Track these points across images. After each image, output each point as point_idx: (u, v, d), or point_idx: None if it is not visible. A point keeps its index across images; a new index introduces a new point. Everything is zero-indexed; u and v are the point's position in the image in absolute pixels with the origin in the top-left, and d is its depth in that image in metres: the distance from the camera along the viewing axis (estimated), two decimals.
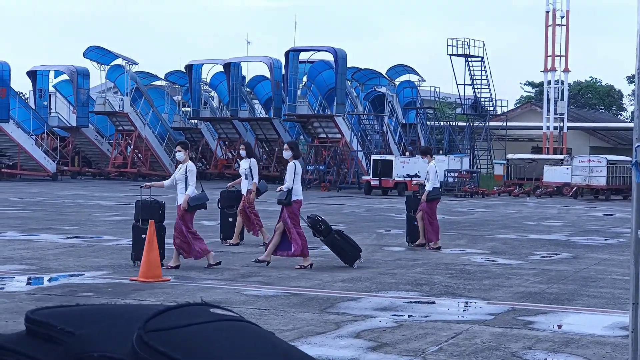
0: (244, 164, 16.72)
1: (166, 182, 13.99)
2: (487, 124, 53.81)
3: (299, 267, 13.69)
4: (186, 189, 13.38)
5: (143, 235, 13.12)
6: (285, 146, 14.32)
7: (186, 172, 13.54)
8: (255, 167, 16.49)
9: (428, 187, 17.26)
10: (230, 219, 17.24)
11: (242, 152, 16.82)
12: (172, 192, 14.72)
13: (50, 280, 12.19)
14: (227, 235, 17.17)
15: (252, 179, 16.29)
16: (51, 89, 54.69)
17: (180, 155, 13.56)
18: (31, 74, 52.75)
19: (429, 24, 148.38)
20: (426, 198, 17.17)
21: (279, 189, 14.24)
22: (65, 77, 53.40)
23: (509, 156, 49.01)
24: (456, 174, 43.72)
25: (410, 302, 10.89)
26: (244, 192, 16.77)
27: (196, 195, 13.45)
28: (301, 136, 55.08)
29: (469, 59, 51.67)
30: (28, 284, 11.96)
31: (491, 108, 54.00)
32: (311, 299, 10.85)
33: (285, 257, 13.90)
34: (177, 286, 11.60)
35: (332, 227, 14.49)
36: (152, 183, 14.12)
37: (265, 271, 13.32)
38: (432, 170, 17.31)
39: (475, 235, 20.50)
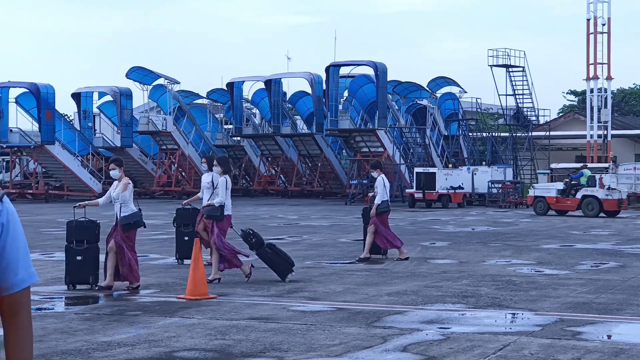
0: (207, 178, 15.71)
1: (101, 200, 13.35)
2: (530, 134, 53.42)
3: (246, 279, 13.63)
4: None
5: (78, 257, 12.84)
6: (215, 162, 14.13)
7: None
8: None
9: (377, 200, 17.32)
10: (186, 238, 16.28)
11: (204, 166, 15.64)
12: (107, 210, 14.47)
13: (99, 299, 12.34)
14: (183, 255, 16.31)
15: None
16: (95, 110, 55.38)
17: (115, 172, 13.09)
18: (75, 95, 53.49)
19: (469, 35, 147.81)
20: (375, 212, 17.18)
21: (206, 204, 13.99)
22: (108, 98, 54.07)
23: (553, 166, 48.54)
24: (500, 185, 43.44)
25: (457, 314, 10.84)
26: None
27: (132, 213, 12.92)
28: (343, 150, 55.14)
29: (510, 69, 51.41)
30: (77, 304, 12.11)
31: (533, 118, 53.61)
32: (357, 313, 10.85)
33: (224, 269, 13.74)
34: (223, 303, 11.67)
35: (265, 240, 14.31)
36: (87, 202, 13.54)
37: (311, 287, 13.34)
38: (380, 183, 17.39)
39: (520, 246, 20.35)
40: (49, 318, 10.56)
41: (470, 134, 55.12)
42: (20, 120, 51.09)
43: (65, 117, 56.47)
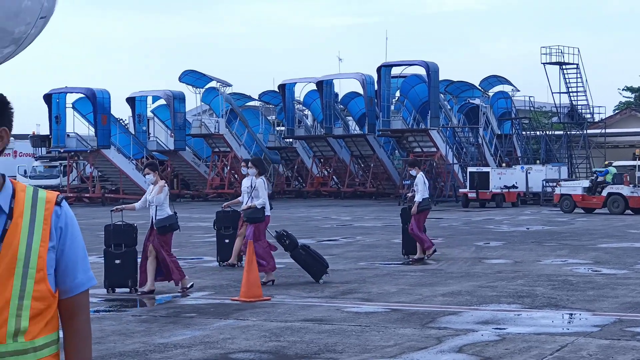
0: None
1: (137, 205, 13.28)
2: (585, 132, 52.69)
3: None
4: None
5: (117, 261, 12.88)
6: (249, 164, 14.13)
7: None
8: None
9: (417, 198, 17.15)
10: (227, 241, 16.47)
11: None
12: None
13: (155, 302, 12.47)
14: (224, 257, 16.38)
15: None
16: (149, 114, 55.96)
17: (150, 177, 13.12)
18: (130, 100, 54.13)
19: (521, 33, 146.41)
20: (416, 210, 17.03)
21: (246, 206, 13.83)
22: (162, 101, 54.60)
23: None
24: (554, 184, 42.92)
25: (513, 314, 10.73)
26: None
27: (168, 216, 12.91)
28: (396, 151, 54.97)
29: (564, 67, 50.77)
30: (134, 306, 12.25)
31: (588, 115, 52.87)
32: (412, 314, 10.81)
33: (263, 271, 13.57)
34: (277, 305, 11.70)
35: (299, 241, 14.23)
36: (123, 206, 13.57)
37: (365, 288, 13.32)
38: (420, 181, 17.26)
39: (577, 245, 20.08)
40: (107, 320, 10.70)
41: (523, 132, 54.56)
42: (77, 125, 51.85)
43: (121, 121, 57.23)
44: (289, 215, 34.71)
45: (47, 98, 49.11)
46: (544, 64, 50.35)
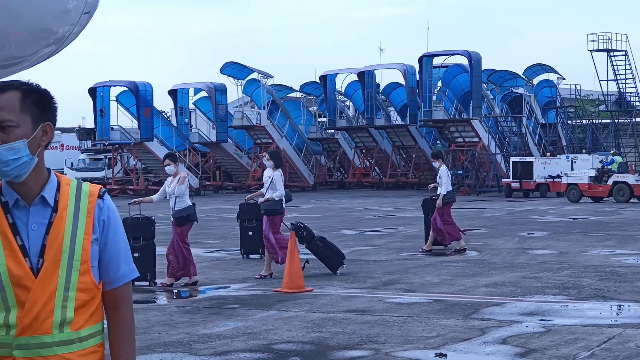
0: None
1: (155, 197, 13.22)
2: (634, 120, 51.89)
3: (259, 276, 13.49)
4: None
5: (135, 254, 12.53)
6: (267, 156, 14.01)
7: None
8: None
9: (442, 190, 16.87)
10: (250, 233, 16.39)
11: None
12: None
13: (198, 293, 12.53)
14: (247, 250, 16.39)
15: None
16: (191, 106, 56.25)
17: (170, 168, 13.05)
18: (172, 92, 54.44)
19: (567, 20, 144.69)
20: (441, 202, 16.79)
21: (264, 199, 13.65)
22: (204, 94, 54.84)
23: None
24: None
25: (558, 306, 10.61)
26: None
27: (186, 207, 12.91)
28: (438, 141, 54.69)
29: (612, 54, 50.02)
30: (178, 297, 12.33)
31: (637, 103, 52.06)
32: (454, 304, 10.73)
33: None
34: (319, 296, 11.69)
35: (315, 233, 14.09)
36: (141, 199, 13.35)
37: (407, 278, 13.27)
38: (444, 173, 16.99)
39: (624, 236, 19.80)
40: (152, 311, 10.77)
41: (569, 121, 53.93)
42: (121, 118, 52.30)
43: (163, 113, 57.56)
44: (331, 206, 34.70)
45: (92, 92, 49.61)
46: (590, 51, 49.68)
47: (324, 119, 57.36)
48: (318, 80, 56.26)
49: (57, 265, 2.65)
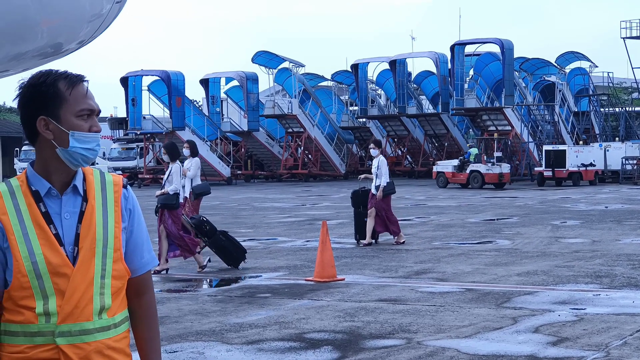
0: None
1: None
2: None
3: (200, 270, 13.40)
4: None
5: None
6: (164, 150, 13.94)
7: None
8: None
9: (382, 182, 16.26)
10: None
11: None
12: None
13: (230, 282, 12.61)
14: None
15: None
16: (223, 95, 56.44)
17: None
18: (204, 81, 54.65)
19: (600, 6, 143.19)
20: (382, 194, 16.22)
21: (160, 192, 13.42)
22: (235, 83, 55.00)
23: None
24: (635, 161, 42.01)
25: (591, 294, 10.56)
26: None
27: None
28: (470, 129, 54.44)
29: None
30: (210, 286, 12.42)
31: None
32: (486, 294, 10.72)
33: (172, 257, 13.47)
34: (352, 285, 11.72)
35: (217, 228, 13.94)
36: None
37: (440, 267, 13.26)
38: (383, 163, 16.34)
39: None
40: (184, 300, 10.86)
41: (601, 109, 53.44)
42: (153, 108, 52.97)
43: (195, 102, 57.81)
44: None
45: (124, 81, 49.91)
46: (624, 38, 49.19)
47: (356, 108, 57.34)
48: (349, 69, 56.20)
49: (92, 253, 2.71)
